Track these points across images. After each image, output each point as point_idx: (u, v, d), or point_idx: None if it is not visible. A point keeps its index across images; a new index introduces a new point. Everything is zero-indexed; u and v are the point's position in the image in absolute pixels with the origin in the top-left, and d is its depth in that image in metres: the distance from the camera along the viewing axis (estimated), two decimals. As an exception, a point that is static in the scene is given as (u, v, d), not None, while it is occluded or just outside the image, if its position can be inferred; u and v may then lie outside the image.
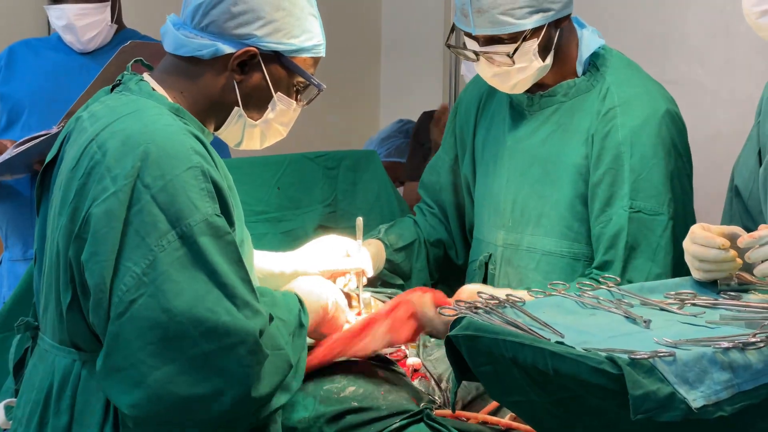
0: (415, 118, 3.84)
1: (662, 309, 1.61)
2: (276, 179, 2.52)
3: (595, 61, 2.21)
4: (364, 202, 2.61)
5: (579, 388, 1.37)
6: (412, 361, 2.01)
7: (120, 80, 1.77)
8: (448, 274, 2.48)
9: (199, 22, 1.74)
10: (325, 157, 2.59)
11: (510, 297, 1.61)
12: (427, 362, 2.02)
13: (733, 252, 1.67)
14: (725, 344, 1.37)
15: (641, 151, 2.11)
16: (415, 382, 1.97)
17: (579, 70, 2.21)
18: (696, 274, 1.72)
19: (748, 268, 1.66)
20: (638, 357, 1.32)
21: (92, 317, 1.62)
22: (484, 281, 2.30)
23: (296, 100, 1.81)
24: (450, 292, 2.47)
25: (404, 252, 2.40)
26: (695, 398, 1.31)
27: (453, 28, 2.23)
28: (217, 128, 1.80)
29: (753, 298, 1.65)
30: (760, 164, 1.92)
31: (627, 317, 1.57)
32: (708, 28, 3.52)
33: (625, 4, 3.65)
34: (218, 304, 1.58)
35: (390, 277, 2.39)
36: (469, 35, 2.14)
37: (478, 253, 2.34)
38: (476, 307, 1.56)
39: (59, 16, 2.94)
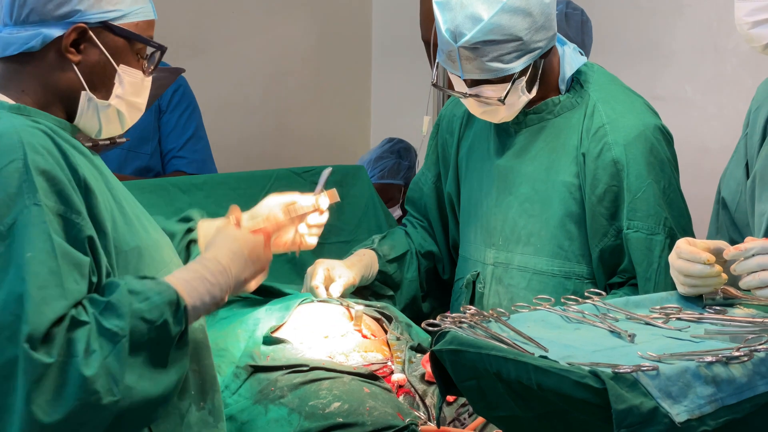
0: (406, 130, 3.85)
1: (647, 323, 1.61)
2: (263, 194, 2.50)
3: (578, 77, 2.22)
4: (351, 216, 2.61)
5: (563, 402, 1.37)
6: (397, 377, 2.01)
7: None
8: (434, 288, 2.47)
9: (19, 15, 1.67)
10: (312, 172, 2.59)
11: (495, 311, 1.60)
12: (411, 378, 2.01)
13: (718, 267, 1.66)
14: (709, 358, 1.37)
15: (636, 169, 2.12)
16: (400, 398, 1.96)
17: (562, 87, 2.21)
18: (681, 289, 1.72)
19: (734, 282, 1.66)
20: (622, 371, 1.32)
21: None
22: (472, 300, 2.30)
23: (142, 69, 1.73)
24: (437, 306, 2.48)
25: (396, 263, 2.40)
26: (678, 412, 1.31)
27: (437, 66, 2.21)
28: (71, 120, 1.72)
29: (738, 312, 1.65)
30: (748, 176, 1.92)
31: (612, 331, 1.56)
32: (696, 45, 3.54)
33: (613, 20, 3.66)
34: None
35: (380, 288, 2.39)
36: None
37: (465, 272, 2.34)
38: (461, 321, 1.55)
39: None
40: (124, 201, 1.67)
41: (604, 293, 1.74)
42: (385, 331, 2.17)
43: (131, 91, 1.73)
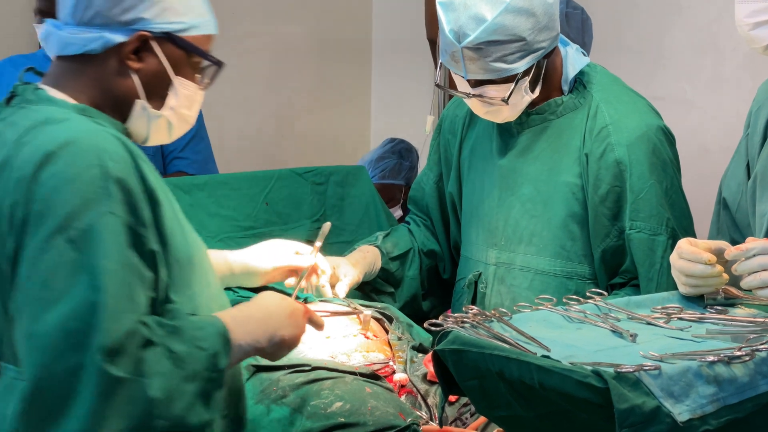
0: (406, 130, 3.86)
1: (649, 323, 1.61)
2: (264, 194, 2.52)
3: (581, 78, 2.22)
4: (352, 217, 2.61)
5: (565, 402, 1.37)
6: (399, 376, 2.01)
7: (14, 93, 1.67)
8: (434, 286, 2.48)
9: (83, 16, 1.65)
10: (313, 173, 2.59)
11: (497, 311, 1.60)
12: (413, 377, 2.02)
13: (719, 267, 1.67)
14: (711, 358, 1.37)
15: (639, 170, 2.12)
16: (402, 398, 1.96)
17: (565, 88, 2.22)
18: (683, 289, 1.72)
19: (735, 282, 1.66)
20: (624, 370, 1.32)
21: None
22: (473, 300, 2.30)
23: (197, 82, 1.73)
24: (438, 305, 2.49)
25: (399, 260, 2.41)
26: (681, 412, 1.31)
27: (440, 66, 2.21)
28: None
29: (739, 312, 1.66)
30: (749, 177, 1.92)
31: (613, 331, 1.57)
32: (696, 45, 3.55)
33: (613, 21, 3.67)
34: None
35: (381, 285, 2.40)
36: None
37: (467, 272, 2.34)
38: (463, 321, 1.56)
39: None
40: (177, 208, 1.67)
41: (605, 293, 1.75)
42: (387, 331, 2.17)
43: (184, 104, 1.72)
